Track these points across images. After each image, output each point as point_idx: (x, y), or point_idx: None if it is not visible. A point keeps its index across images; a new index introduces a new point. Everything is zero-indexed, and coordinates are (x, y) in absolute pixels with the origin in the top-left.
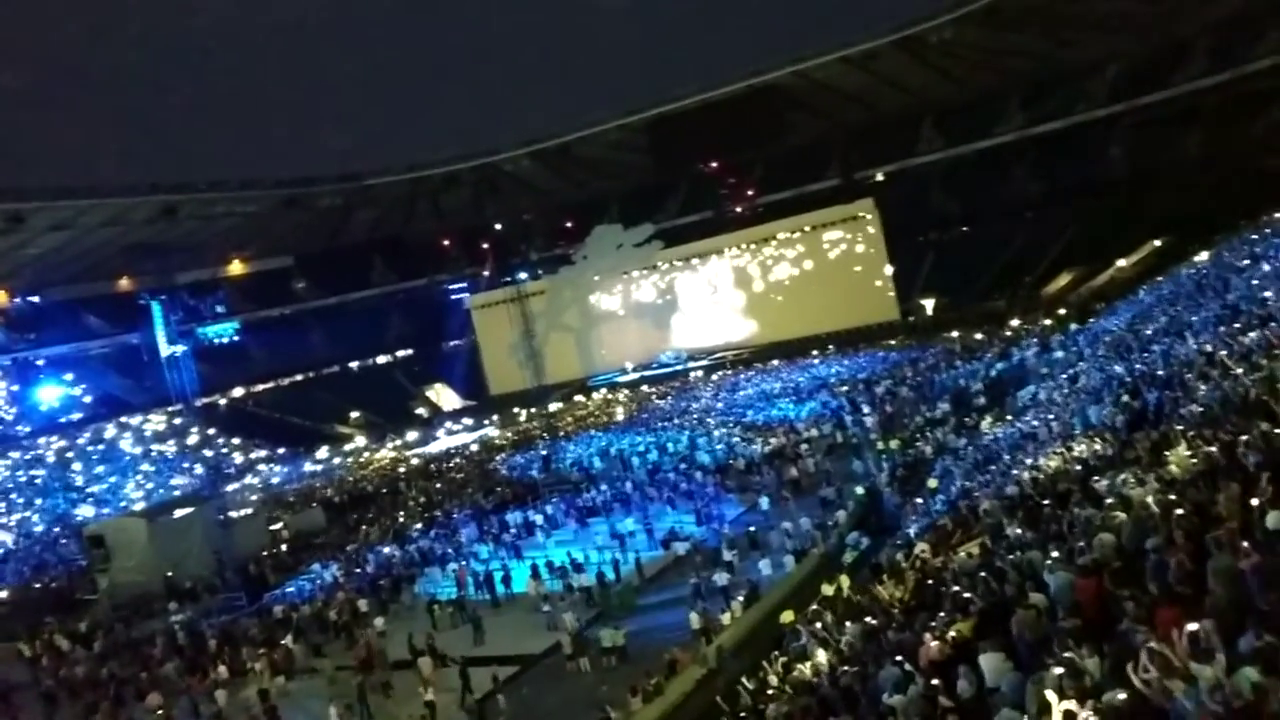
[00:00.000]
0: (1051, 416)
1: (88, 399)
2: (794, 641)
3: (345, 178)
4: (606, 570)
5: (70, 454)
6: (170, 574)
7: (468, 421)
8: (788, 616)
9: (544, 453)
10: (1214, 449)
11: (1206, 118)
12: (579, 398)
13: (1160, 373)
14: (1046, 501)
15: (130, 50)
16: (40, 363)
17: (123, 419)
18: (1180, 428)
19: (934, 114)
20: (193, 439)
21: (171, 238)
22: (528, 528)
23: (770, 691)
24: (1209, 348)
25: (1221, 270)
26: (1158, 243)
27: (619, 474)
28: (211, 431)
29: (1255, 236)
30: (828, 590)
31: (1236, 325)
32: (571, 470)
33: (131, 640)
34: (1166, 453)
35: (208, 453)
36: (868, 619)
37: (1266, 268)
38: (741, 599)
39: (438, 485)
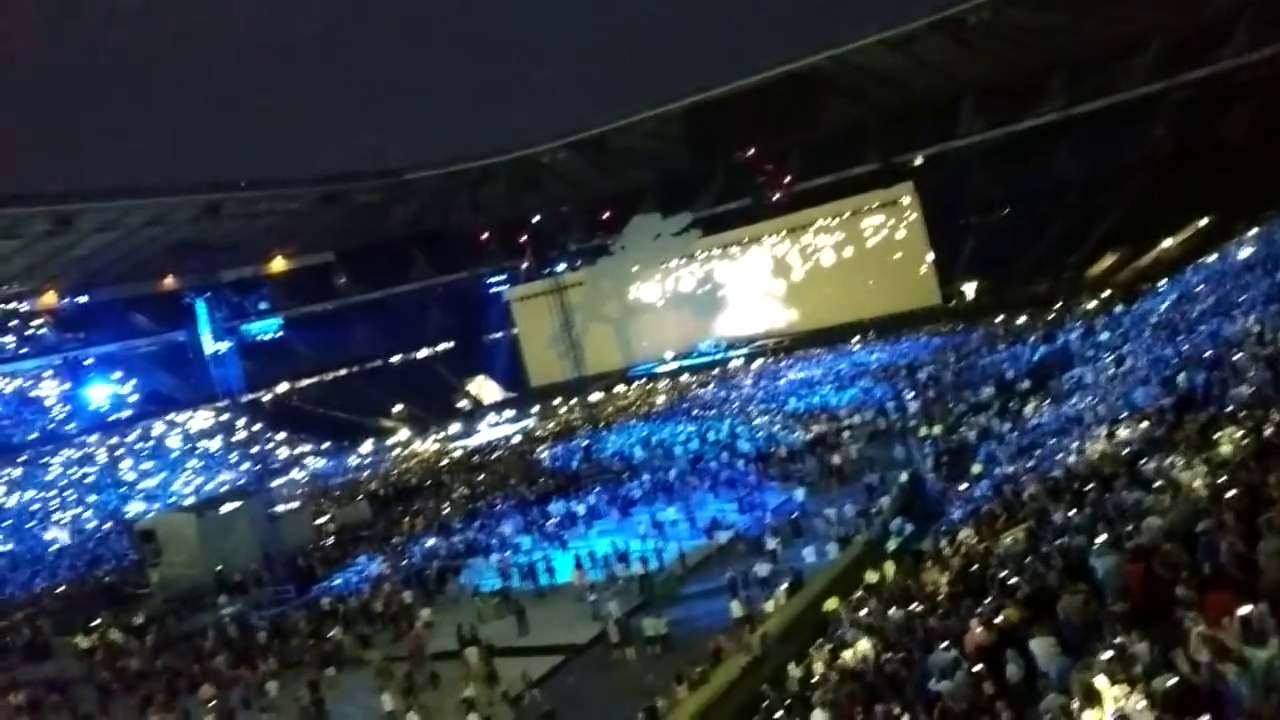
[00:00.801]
0: (1097, 400)
1: (136, 397)
2: (839, 629)
3: (384, 173)
4: (650, 559)
5: (120, 451)
6: (220, 568)
7: (509, 413)
8: (832, 604)
9: (585, 443)
10: (1266, 430)
11: (1251, 94)
12: (619, 388)
13: (1208, 354)
14: (1092, 485)
15: (169, 50)
16: (89, 362)
17: (170, 416)
18: (1230, 409)
19: (973, 95)
20: (239, 435)
21: (214, 236)
22: (570, 518)
23: (816, 679)
24: (1258, 328)
25: (1270, 248)
26: (1203, 222)
27: (660, 463)
28: (258, 427)
29: None
30: (872, 577)
31: None
32: (613, 460)
33: (183, 633)
34: (1216, 434)
35: (254, 448)
36: (913, 605)
37: None
38: (784, 587)
39: (480, 477)
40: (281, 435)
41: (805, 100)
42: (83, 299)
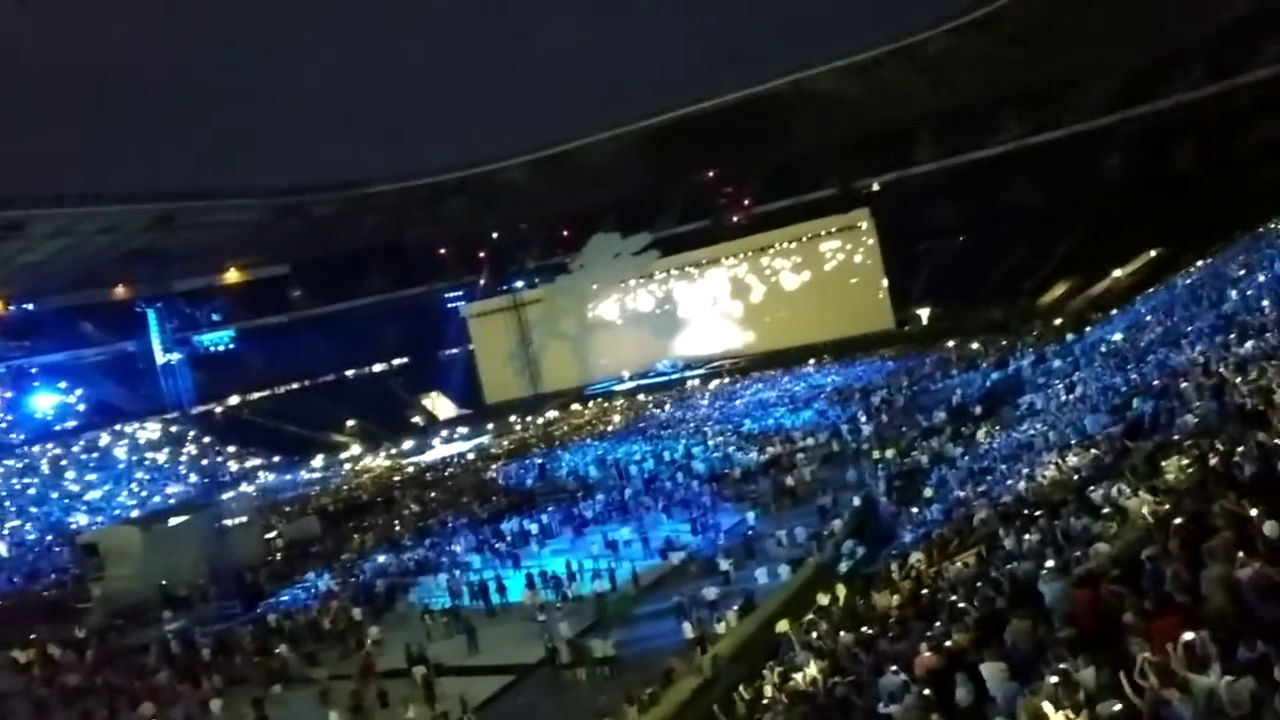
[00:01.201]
0: (1048, 426)
1: (82, 407)
2: (790, 651)
3: (343, 186)
4: (603, 579)
5: (64, 462)
6: (165, 582)
7: (463, 430)
8: (784, 626)
9: (540, 461)
10: (1211, 459)
11: (1202, 129)
12: (575, 406)
13: (1156, 383)
14: (1041, 511)
15: (127, 57)
16: (35, 370)
17: (118, 427)
18: (1177, 437)
19: (931, 123)
20: (188, 447)
21: (169, 246)
22: (523, 537)
23: (766, 701)
24: (1203, 358)
25: (1216, 281)
26: (1154, 253)
27: (615, 483)
28: (207, 439)
29: (1250, 247)
30: (824, 600)
31: (1232, 336)
32: (567, 479)
33: (125, 649)
34: (1163, 463)
35: (203, 461)
36: (863, 629)
37: (1261, 278)
38: (736, 609)
39: (433, 494)
40: (231, 448)
41: (766, 124)
42: (29, 306)
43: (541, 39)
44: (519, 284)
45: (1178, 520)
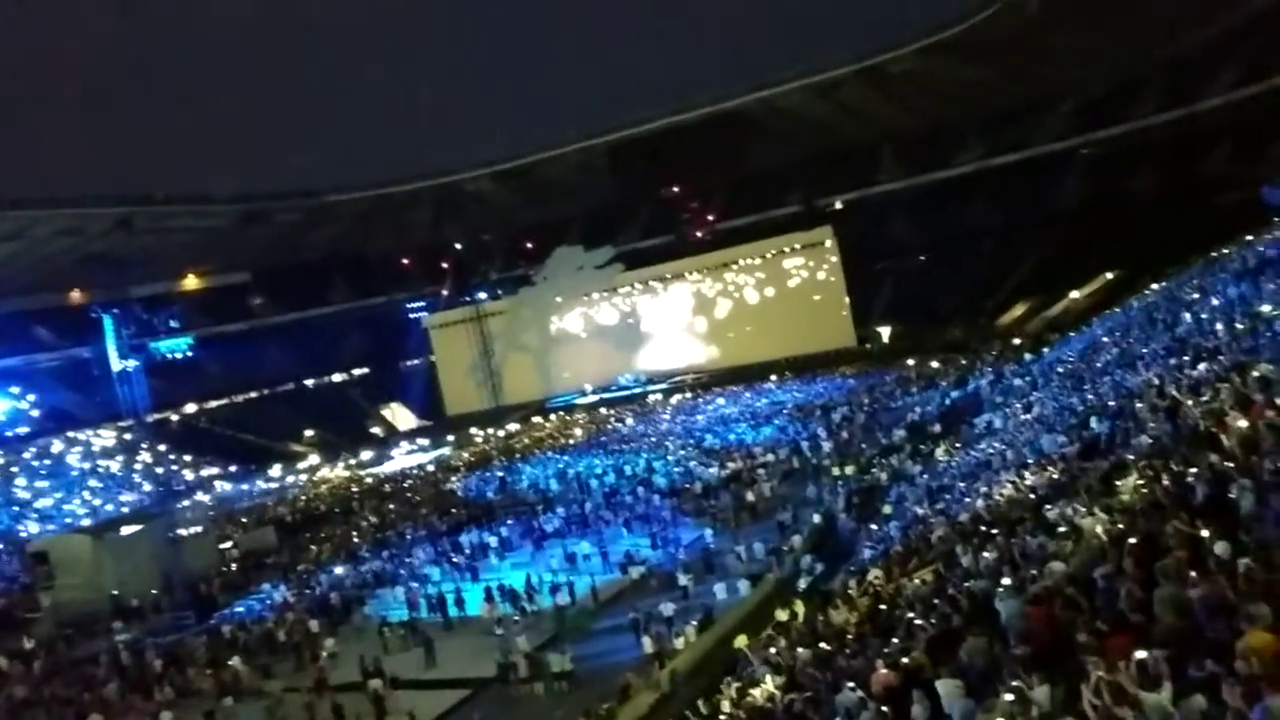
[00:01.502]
0: (1005, 445)
1: (35, 413)
2: (748, 667)
3: (306, 194)
4: (562, 593)
5: (15, 469)
6: (116, 592)
7: (423, 441)
8: (742, 641)
9: (500, 474)
10: (1164, 479)
11: (1160, 153)
12: (537, 419)
13: (1112, 404)
14: (998, 529)
15: (89, 61)
16: None
17: (71, 433)
18: (1131, 458)
19: (894, 143)
20: (143, 455)
21: (127, 251)
22: (483, 549)
23: (724, 717)
24: (1157, 380)
25: (1171, 304)
26: (1110, 275)
27: (576, 496)
28: (162, 448)
29: (1205, 271)
30: (782, 616)
31: (1185, 358)
32: (528, 492)
33: (74, 660)
34: (1117, 482)
35: (159, 469)
36: (821, 645)
37: (1215, 302)
38: (694, 624)
39: (391, 506)
40: (187, 457)
41: (732, 140)
42: None
43: (509, 51)
44: (482, 295)
45: (1132, 540)
